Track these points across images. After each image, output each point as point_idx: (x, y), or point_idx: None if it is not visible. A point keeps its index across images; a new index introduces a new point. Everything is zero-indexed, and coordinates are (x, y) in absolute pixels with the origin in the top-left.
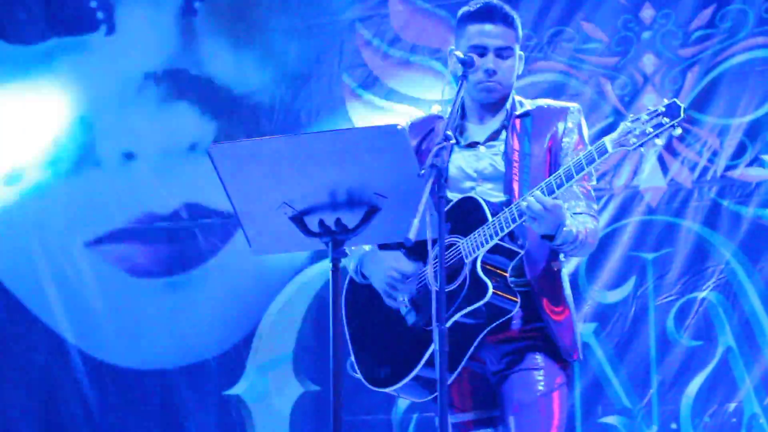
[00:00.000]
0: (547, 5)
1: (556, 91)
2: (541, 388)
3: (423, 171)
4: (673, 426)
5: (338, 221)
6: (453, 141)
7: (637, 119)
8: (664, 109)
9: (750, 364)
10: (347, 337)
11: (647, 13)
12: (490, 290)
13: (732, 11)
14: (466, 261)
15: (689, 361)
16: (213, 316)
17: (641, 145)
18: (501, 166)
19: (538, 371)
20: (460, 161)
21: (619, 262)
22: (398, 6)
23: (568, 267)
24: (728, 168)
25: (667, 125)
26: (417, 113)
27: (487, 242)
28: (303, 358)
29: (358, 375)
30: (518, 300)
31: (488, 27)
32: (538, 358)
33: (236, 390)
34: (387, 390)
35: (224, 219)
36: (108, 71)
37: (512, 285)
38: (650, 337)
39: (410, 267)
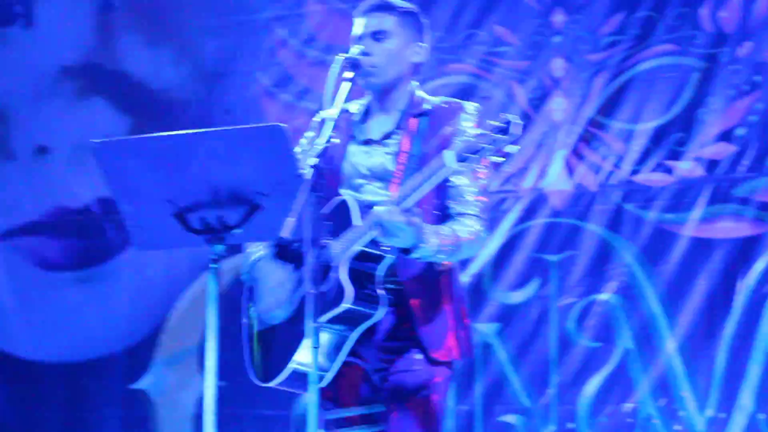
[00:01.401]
0: (460, 8)
1: (466, 93)
2: (416, 390)
3: (303, 171)
4: (570, 425)
5: (220, 219)
6: (338, 140)
7: (478, 134)
8: (504, 125)
9: (647, 365)
10: (244, 332)
11: (558, 18)
12: (347, 297)
13: (641, 18)
14: (332, 264)
15: (588, 362)
16: (121, 310)
17: (477, 160)
18: (391, 165)
19: (412, 373)
20: (354, 158)
21: (523, 264)
22: (315, 6)
23: (474, 266)
24: (632, 173)
25: (502, 141)
26: (332, 112)
27: (349, 248)
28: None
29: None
30: (380, 305)
31: (363, 19)
32: (413, 360)
33: (142, 384)
34: (270, 384)
35: None
36: (24, 65)
37: (383, 287)
38: (551, 337)
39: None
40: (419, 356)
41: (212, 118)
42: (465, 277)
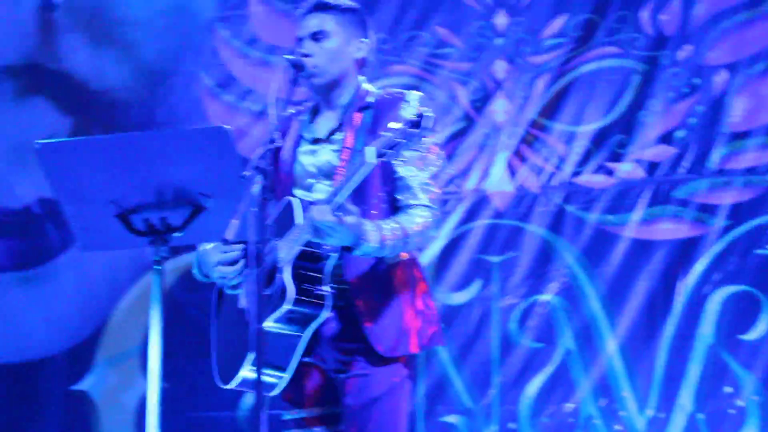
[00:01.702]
0: (403, 10)
1: None
2: (371, 394)
3: (247, 173)
4: (512, 426)
5: (163, 220)
6: (281, 143)
7: (394, 130)
8: (413, 119)
9: (588, 366)
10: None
11: (501, 20)
12: (288, 298)
13: (582, 21)
14: (278, 265)
15: (530, 363)
16: (63, 311)
17: (395, 155)
18: (337, 162)
19: (366, 377)
20: (303, 158)
21: (466, 265)
22: (257, 7)
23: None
24: (574, 174)
25: (416, 135)
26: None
27: (291, 249)
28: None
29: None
30: (325, 305)
31: (304, 22)
32: (367, 362)
33: (83, 385)
34: (230, 386)
35: None
36: None
37: (331, 286)
38: (493, 338)
39: (232, 253)
40: (368, 360)
41: (155, 118)
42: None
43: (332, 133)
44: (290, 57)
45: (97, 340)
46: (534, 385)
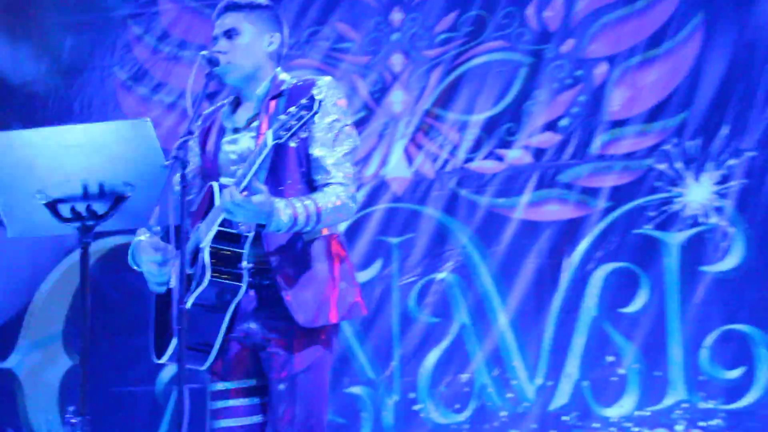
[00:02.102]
0: (305, 7)
1: None
2: (295, 367)
3: (167, 162)
4: (412, 395)
5: (89, 208)
6: (195, 135)
7: (288, 113)
8: (305, 102)
9: (481, 339)
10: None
11: (396, 16)
12: (207, 276)
13: (472, 17)
14: (200, 246)
15: (428, 337)
16: None
17: (290, 137)
18: (254, 147)
19: (289, 351)
20: (226, 146)
21: (367, 246)
22: (168, 4)
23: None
24: (467, 161)
25: (307, 117)
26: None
27: (210, 230)
28: (73, 333)
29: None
30: (243, 281)
31: (218, 21)
32: (289, 336)
33: (8, 363)
34: (162, 361)
35: None
36: None
37: (250, 263)
38: (393, 314)
39: (160, 254)
40: (296, 331)
41: (72, 111)
42: None
43: (251, 121)
44: (205, 53)
45: (21, 321)
46: (432, 358)
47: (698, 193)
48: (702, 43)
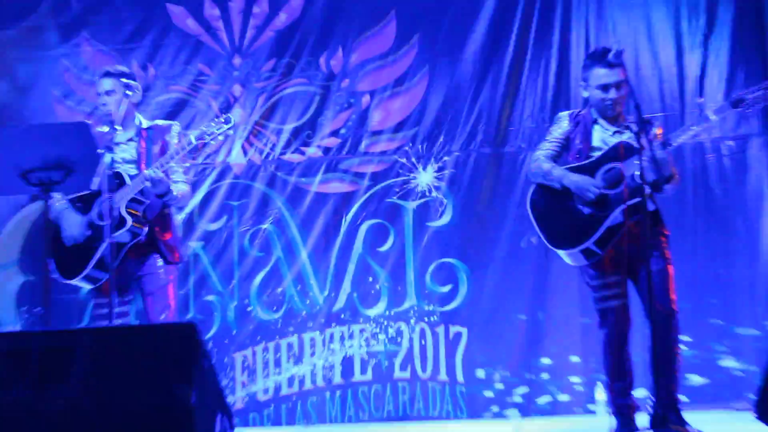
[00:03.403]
0: (178, 51)
1: (182, 104)
2: (159, 283)
3: (100, 151)
4: (246, 301)
5: (49, 178)
6: (110, 137)
7: (210, 125)
8: (223, 120)
9: (290, 266)
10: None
11: (237, 60)
12: (128, 222)
13: (285, 62)
14: (115, 206)
15: (256, 264)
16: None
17: (211, 140)
18: (134, 154)
19: (157, 273)
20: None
21: (218, 207)
22: (87, 47)
23: (188, 207)
24: (281, 154)
25: (224, 128)
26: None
27: (125, 196)
28: (25, 260)
29: None
30: (144, 226)
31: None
32: (156, 264)
33: None
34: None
35: None
36: None
37: (142, 220)
38: (235, 250)
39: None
40: (160, 261)
41: (23, 117)
42: (183, 215)
43: (130, 139)
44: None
45: None
46: (258, 278)
47: (425, 177)
48: (427, 84)
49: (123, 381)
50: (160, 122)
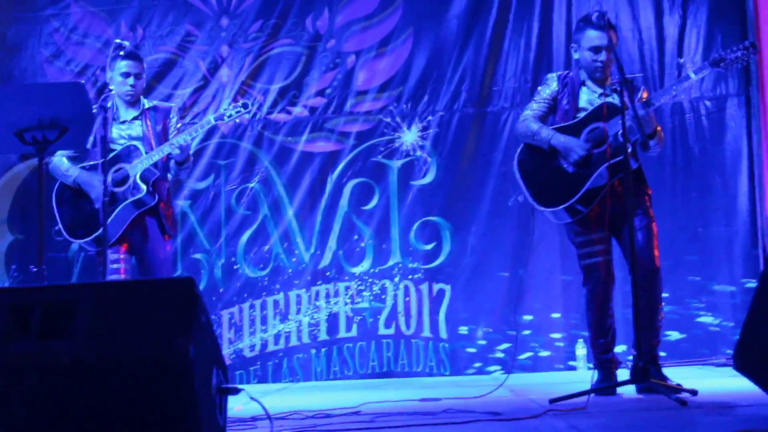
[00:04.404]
0: (165, 13)
1: (170, 64)
2: (163, 253)
3: (95, 109)
4: (233, 259)
5: (44, 136)
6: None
7: (229, 107)
8: (241, 104)
9: (277, 224)
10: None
11: (224, 21)
12: (144, 190)
13: (272, 23)
14: (130, 174)
15: (243, 222)
16: None
17: (229, 122)
18: (140, 132)
19: (163, 243)
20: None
21: (205, 166)
22: (76, 8)
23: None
24: (268, 113)
25: (243, 112)
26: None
27: (141, 165)
28: (14, 218)
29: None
30: (157, 195)
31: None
32: (162, 238)
33: None
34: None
35: None
36: None
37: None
38: (222, 208)
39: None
40: (165, 236)
41: (12, 76)
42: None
43: (134, 119)
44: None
45: None
46: (245, 236)
47: (410, 136)
48: (412, 46)
49: (123, 335)
50: (159, 103)
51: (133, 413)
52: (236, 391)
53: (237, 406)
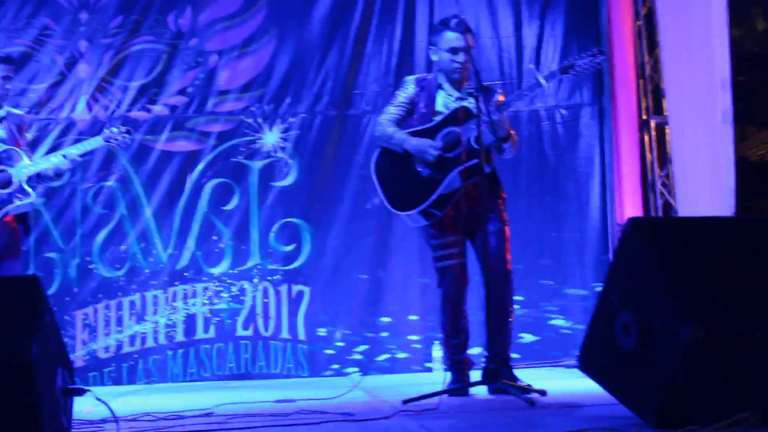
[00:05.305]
0: (21, 6)
1: (25, 57)
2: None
3: None
4: (88, 259)
5: None
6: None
7: (113, 130)
8: (125, 130)
9: (134, 224)
10: None
11: (83, 16)
12: (33, 197)
13: (133, 19)
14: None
15: (99, 221)
16: None
17: (116, 146)
18: (5, 135)
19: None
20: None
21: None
22: None
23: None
24: (127, 111)
25: (127, 138)
26: None
27: (27, 172)
28: None
29: None
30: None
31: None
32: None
33: None
34: None
35: None
36: None
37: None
38: (77, 208)
39: None
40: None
41: None
42: None
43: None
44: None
45: None
46: (102, 235)
47: (271, 137)
48: (275, 47)
49: None
50: (13, 110)
51: None
52: (82, 392)
53: (87, 407)
